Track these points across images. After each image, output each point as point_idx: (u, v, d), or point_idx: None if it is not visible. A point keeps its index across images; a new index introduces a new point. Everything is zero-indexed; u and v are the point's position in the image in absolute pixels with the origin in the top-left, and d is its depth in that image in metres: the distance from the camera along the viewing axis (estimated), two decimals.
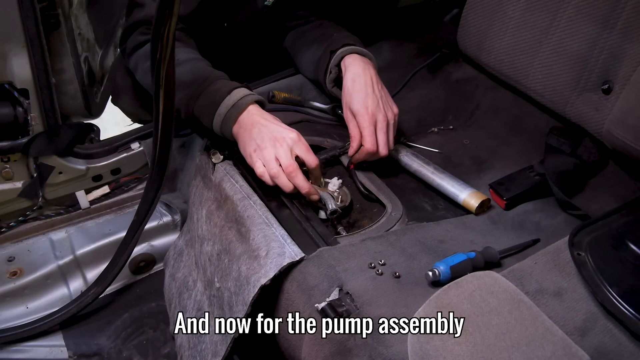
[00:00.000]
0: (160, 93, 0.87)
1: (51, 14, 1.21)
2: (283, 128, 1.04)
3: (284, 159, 1.01)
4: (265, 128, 1.04)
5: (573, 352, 0.66)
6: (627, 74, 1.06)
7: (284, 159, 1.01)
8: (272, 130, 1.03)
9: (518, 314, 0.70)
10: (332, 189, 1.10)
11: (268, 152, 1.02)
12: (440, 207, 1.13)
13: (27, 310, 1.27)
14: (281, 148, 1.01)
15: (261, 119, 1.05)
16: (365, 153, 1.12)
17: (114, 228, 1.37)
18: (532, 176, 1.12)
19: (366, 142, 1.10)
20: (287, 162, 1.01)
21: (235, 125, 1.07)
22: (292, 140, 1.02)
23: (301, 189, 1.02)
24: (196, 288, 1.16)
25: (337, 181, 1.11)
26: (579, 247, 0.86)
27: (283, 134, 1.03)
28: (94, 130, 1.40)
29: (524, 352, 0.65)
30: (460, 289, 0.73)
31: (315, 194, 1.03)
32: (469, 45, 1.43)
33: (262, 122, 1.05)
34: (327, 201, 1.04)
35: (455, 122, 1.39)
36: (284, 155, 1.01)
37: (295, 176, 1.01)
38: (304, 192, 1.02)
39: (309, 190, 1.02)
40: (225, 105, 1.06)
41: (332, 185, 1.10)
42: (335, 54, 1.21)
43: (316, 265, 0.89)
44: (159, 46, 0.80)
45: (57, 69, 1.25)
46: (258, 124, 1.04)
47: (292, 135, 1.03)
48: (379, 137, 1.12)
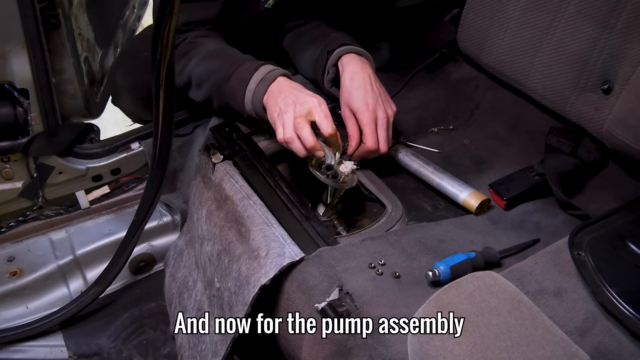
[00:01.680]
0: (160, 93, 0.87)
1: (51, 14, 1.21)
2: (307, 94, 1.05)
3: (296, 114, 1.01)
4: (290, 94, 1.05)
5: (573, 352, 0.66)
6: (627, 74, 1.06)
7: (297, 113, 1.01)
8: (296, 95, 1.04)
9: (518, 314, 0.70)
10: (344, 170, 1.06)
11: (288, 115, 1.02)
12: (440, 207, 1.13)
13: (27, 310, 1.27)
14: (300, 108, 1.02)
15: (288, 87, 1.07)
16: (366, 150, 1.12)
17: (114, 228, 1.37)
18: (532, 176, 1.12)
19: (367, 139, 1.10)
20: (297, 115, 1.01)
21: (265, 96, 1.09)
22: (313, 103, 1.02)
23: (305, 142, 1.00)
24: (196, 288, 1.16)
25: (352, 165, 1.08)
26: (579, 247, 0.86)
27: (305, 98, 1.04)
28: (94, 130, 1.40)
29: (524, 352, 0.65)
30: (460, 289, 0.73)
31: (320, 150, 1.02)
32: (469, 45, 1.43)
33: (289, 89, 1.06)
34: (328, 156, 1.03)
35: (455, 122, 1.39)
36: (298, 112, 1.01)
37: (302, 128, 1.00)
38: (308, 145, 1.00)
39: (313, 144, 1.00)
40: (254, 81, 1.09)
41: (345, 167, 1.07)
42: (332, 54, 1.21)
43: (316, 265, 0.89)
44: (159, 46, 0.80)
45: (57, 69, 1.25)
46: (284, 92, 1.06)
47: (313, 99, 1.03)
48: (380, 134, 1.12)
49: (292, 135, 1.01)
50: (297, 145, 1.01)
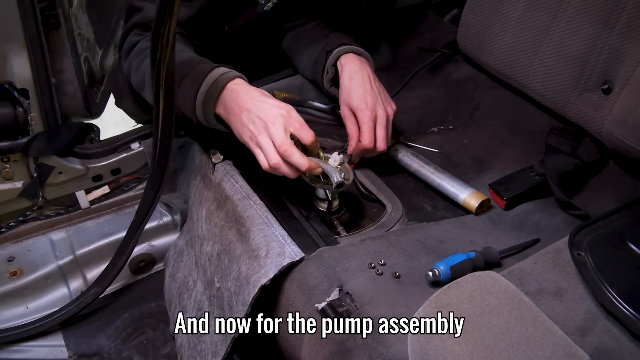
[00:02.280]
0: (160, 93, 0.87)
1: (51, 14, 1.20)
2: (271, 105, 0.97)
3: (277, 139, 0.93)
4: (254, 109, 0.96)
5: (573, 352, 0.66)
6: (627, 74, 1.06)
7: (277, 139, 0.93)
8: (261, 111, 0.96)
9: (518, 314, 0.70)
10: (334, 165, 1.02)
11: (263, 138, 0.95)
12: (440, 207, 1.13)
13: (27, 310, 1.27)
14: (274, 128, 0.94)
15: (248, 98, 0.98)
16: (364, 149, 1.11)
17: (114, 228, 1.37)
18: (532, 176, 1.12)
19: (364, 137, 1.10)
20: (279, 141, 0.93)
21: (219, 107, 1.01)
22: (283, 117, 0.95)
23: (300, 167, 0.94)
24: (196, 288, 1.16)
25: (339, 156, 1.03)
26: (579, 247, 0.86)
27: (273, 112, 0.96)
28: (94, 130, 1.40)
29: (524, 352, 0.65)
30: (460, 289, 0.73)
31: (317, 168, 0.95)
32: (469, 45, 1.43)
33: (249, 102, 0.97)
34: (332, 174, 0.96)
35: (455, 122, 1.39)
36: (277, 135, 0.93)
37: (290, 154, 0.93)
38: (304, 169, 0.94)
39: (309, 165, 0.94)
40: (207, 83, 1.00)
41: (334, 160, 1.02)
42: (331, 54, 1.21)
43: (316, 265, 0.89)
44: (159, 46, 0.80)
45: (57, 69, 1.25)
46: (246, 107, 0.97)
47: (282, 112, 0.96)
48: (379, 132, 1.11)
49: (278, 161, 0.94)
50: (286, 169, 0.95)
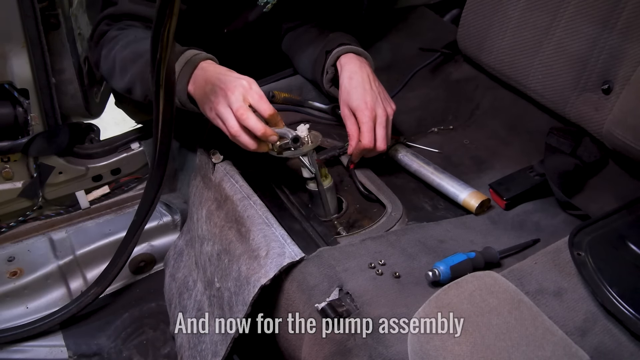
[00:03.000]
0: (160, 93, 0.87)
1: (51, 14, 1.21)
2: (234, 77, 0.98)
3: (234, 105, 0.94)
4: (217, 81, 0.97)
5: (573, 352, 0.66)
6: (627, 74, 1.06)
7: (234, 104, 0.94)
8: (223, 81, 0.97)
9: (518, 314, 0.70)
10: (302, 135, 1.01)
11: (222, 107, 0.95)
12: (440, 207, 1.13)
13: (27, 310, 1.27)
14: (232, 96, 0.95)
15: (214, 73, 0.99)
16: (364, 148, 1.11)
17: (114, 228, 1.37)
18: (532, 176, 1.12)
19: (364, 137, 1.10)
20: (236, 106, 0.94)
21: (190, 85, 1.01)
22: (243, 87, 0.96)
23: (255, 131, 0.94)
24: (196, 288, 1.16)
25: (304, 126, 1.02)
26: (579, 247, 0.86)
27: (234, 82, 0.96)
28: (94, 130, 1.40)
29: (524, 352, 0.65)
30: (460, 289, 0.73)
31: (272, 134, 0.96)
32: (469, 45, 1.43)
33: (214, 75, 0.98)
34: (286, 133, 0.97)
35: (455, 122, 1.39)
36: (235, 102, 0.94)
37: (247, 118, 0.93)
38: (259, 134, 0.94)
39: (264, 131, 0.94)
40: (180, 63, 1.01)
41: (300, 131, 1.01)
42: (331, 54, 1.21)
43: (316, 265, 0.89)
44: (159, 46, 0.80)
45: (57, 69, 1.25)
46: (210, 79, 0.98)
47: (242, 82, 0.96)
48: (379, 132, 1.11)
49: (237, 129, 0.94)
50: (245, 138, 0.95)
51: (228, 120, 0.95)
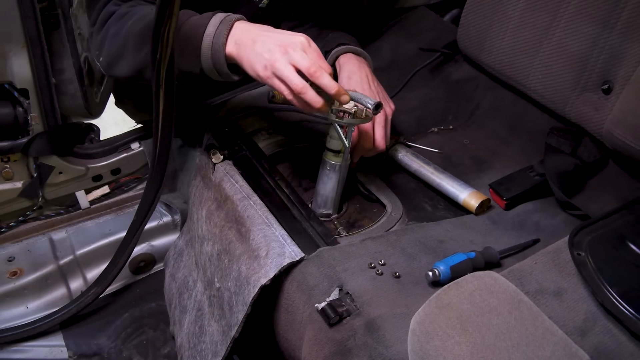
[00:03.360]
0: (160, 93, 0.87)
1: (51, 14, 1.20)
2: (289, 34, 0.92)
3: (302, 63, 0.88)
4: (268, 38, 0.91)
5: (573, 352, 0.66)
6: (627, 74, 1.06)
7: (302, 62, 0.88)
8: (278, 39, 0.90)
9: (518, 314, 0.70)
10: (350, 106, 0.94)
11: (282, 64, 0.88)
12: (440, 207, 1.13)
13: (27, 310, 1.27)
14: (295, 53, 0.89)
15: (259, 30, 0.93)
16: (365, 149, 1.10)
17: (114, 228, 1.37)
18: (532, 176, 1.12)
19: (364, 137, 1.10)
20: (307, 64, 0.87)
21: (229, 45, 0.94)
22: (303, 44, 0.90)
23: (329, 89, 0.88)
24: (196, 288, 1.16)
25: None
26: (579, 247, 0.86)
27: (292, 39, 0.90)
28: (94, 130, 1.40)
29: (524, 352, 0.65)
30: (460, 289, 0.73)
31: (345, 94, 0.90)
32: (469, 45, 1.43)
33: (262, 33, 0.92)
34: (362, 99, 0.91)
35: (455, 122, 1.39)
36: (301, 59, 0.88)
37: (320, 75, 0.87)
38: (333, 91, 0.89)
39: (338, 89, 0.89)
40: (214, 24, 0.94)
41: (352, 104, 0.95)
42: (330, 54, 1.21)
43: (316, 265, 0.89)
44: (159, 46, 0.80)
45: (57, 69, 1.25)
46: (259, 37, 0.91)
47: (301, 39, 0.91)
48: (377, 131, 1.10)
49: (302, 85, 0.87)
50: (312, 94, 0.88)
51: (290, 77, 0.88)
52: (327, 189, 1.06)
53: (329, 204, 1.08)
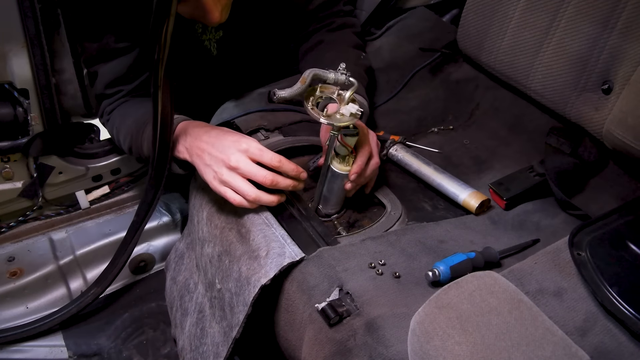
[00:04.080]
0: (159, 94, 0.87)
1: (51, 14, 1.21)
2: (227, 144, 0.94)
3: (256, 174, 0.92)
4: (213, 150, 0.94)
5: (573, 352, 0.66)
6: (627, 74, 1.06)
7: (255, 173, 0.91)
8: (219, 152, 0.94)
9: (518, 314, 0.69)
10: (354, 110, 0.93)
11: (233, 179, 0.92)
12: (440, 207, 1.13)
13: (27, 310, 1.27)
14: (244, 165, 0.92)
15: (204, 136, 0.97)
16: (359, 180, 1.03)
17: (114, 228, 1.37)
18: (532, 176, 1.12)
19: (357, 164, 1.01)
20: (263, 175, 0.91)
21: (182, 151, 1.00)
22: (244, 151, 0.93)
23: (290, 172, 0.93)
24: (197, 290, 1.16)
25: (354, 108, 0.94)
26: (579, 247, 0.86)
27: (228, 152, 0.93)
28: (94, 130, 1.40)
29: (524, 352, 0.65)
30: (460, 289, 0.73)
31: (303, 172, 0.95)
32: (469, 45, 1.43)
33: (205, 141, 0.96)
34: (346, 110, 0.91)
35: (455, 122, 1.39)
36: (254, 171, 0.92)
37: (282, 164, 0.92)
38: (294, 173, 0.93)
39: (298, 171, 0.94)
40: None
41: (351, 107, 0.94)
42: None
43: (316, 265, 0.89)
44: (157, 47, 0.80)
45: (57, 69, 1.25)
46: (206, 148, 0.95)
47: (242, 146, 0.93)
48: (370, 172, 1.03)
49: (256, 194, 0.92)
50: (270, 197, 0.94)
51: (243, 189, 0.92)
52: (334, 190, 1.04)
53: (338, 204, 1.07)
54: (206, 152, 0.95)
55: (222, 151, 0.94)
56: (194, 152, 0.98)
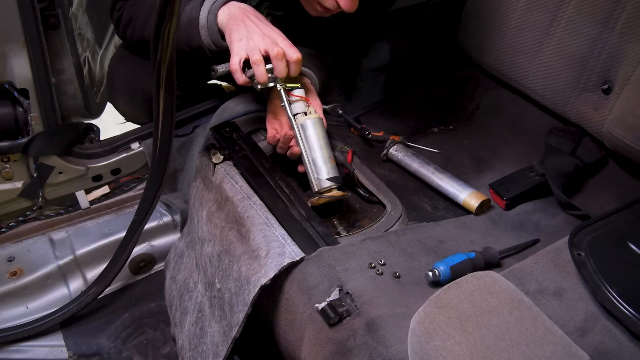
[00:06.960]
0: (160, 93, 0.87)
1: (51, 14, 1.21)
2: (273, 31, 1.05)
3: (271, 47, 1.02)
4: (256, 25, 1.05)
5: (573, 352, 0.66)
6: (627, 74, 1.06)
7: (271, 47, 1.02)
8: (264, 29, 1.05)
9: (518, 314, 0.70)
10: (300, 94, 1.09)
11: (255, 42, 1.03)
12: (440, 207, 1.13)
13: (27, 310, 1.27)
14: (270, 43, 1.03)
15: (251, 15, 1.07)
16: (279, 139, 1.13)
17: (114, 228, 1.37)
18: (532, 176, 1.12)
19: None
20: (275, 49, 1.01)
21: (224, 10, 1.08)
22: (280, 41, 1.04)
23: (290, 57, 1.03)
24: (197, 290, 1.16)
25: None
26: (579, 247, 0.86)
27: (274, 36, 1.04)
28: (94, 130, 1.40)
29: (524, 352, 0.65)
30: (460, 289, 0.73)
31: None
32: (469, 45, 1.43)
33: (253, 18, 1.07)
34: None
35: (455, 122, 1.39)
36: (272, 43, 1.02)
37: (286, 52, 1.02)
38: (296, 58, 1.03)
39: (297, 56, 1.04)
40: (203, 16, 1.09)
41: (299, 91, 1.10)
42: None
43: (316, 265, 0.89)
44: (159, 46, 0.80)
45: (57, 69, 1.25)
46: (250, 20, 1.06)
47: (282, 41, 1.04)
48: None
49: (259, 58, 1.01)
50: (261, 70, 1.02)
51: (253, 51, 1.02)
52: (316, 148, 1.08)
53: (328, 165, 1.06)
54: (248, 21, 1.06)
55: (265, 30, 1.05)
56: (234, 15, 1.07)
